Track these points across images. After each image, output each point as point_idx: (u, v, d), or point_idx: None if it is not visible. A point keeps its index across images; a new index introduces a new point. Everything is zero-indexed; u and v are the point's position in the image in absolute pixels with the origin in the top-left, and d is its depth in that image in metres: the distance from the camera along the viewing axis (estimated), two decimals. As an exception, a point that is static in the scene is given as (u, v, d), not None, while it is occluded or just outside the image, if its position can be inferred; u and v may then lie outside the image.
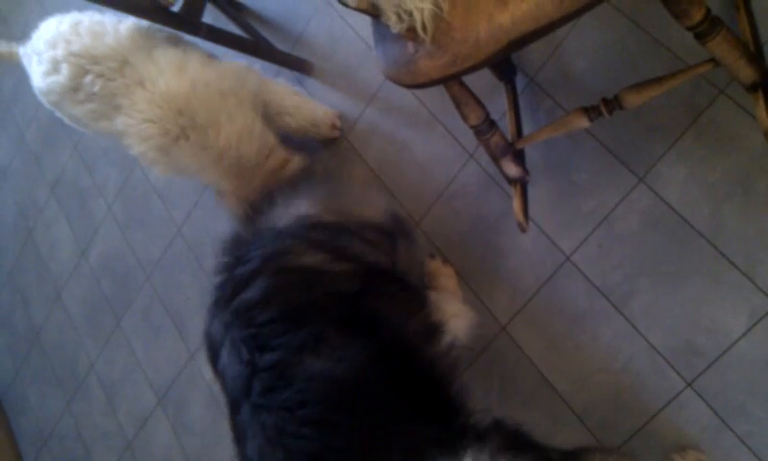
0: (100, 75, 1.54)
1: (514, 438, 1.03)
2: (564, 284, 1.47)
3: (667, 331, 1.33)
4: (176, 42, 1.64)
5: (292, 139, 1.83)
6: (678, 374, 1.32)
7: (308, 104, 1.83)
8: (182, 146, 1.55)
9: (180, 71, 1.54)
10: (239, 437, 1.06)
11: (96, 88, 1.55)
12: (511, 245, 1.54)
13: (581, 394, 1.44)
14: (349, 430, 0.96)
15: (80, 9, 1.70)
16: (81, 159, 2.77)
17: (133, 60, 1.54)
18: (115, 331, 2.57)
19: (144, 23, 1.64)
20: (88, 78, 1.56)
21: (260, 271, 1.08)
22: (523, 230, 1.45)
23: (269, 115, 1.75)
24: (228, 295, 1.12)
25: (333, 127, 1.85)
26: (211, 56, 1.70)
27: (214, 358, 1.13)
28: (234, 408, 1.07)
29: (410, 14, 0.95)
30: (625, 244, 1.38)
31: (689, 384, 1.30)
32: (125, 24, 1.61)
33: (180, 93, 1.52)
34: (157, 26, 1.65)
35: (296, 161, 1.72)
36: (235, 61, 1.72)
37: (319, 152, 1.92)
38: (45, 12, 1.82)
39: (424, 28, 0.95)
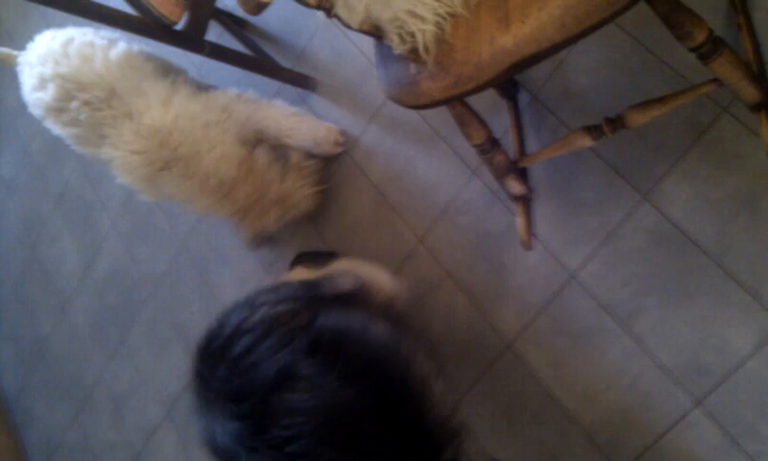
0: (86, 103, 1.56)
1: None
2: (569, 302, 1.46)
3: (675, 350, 1.33)
4: (165, 72, 1.66)
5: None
6: (686, 392, 1.31)
7: (307, 123, 1.81)
8: (165, 176, 1.58)
9: (166, 105, 1.57)
10: None
11: (82, 116, 1.57)
12: (516, 262, 1.54)
13: (588, 412, 1.43)
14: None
15: (79, 25, 1.72)
16: (85, 173, 2.78)
17: (121, 90, 1.56)
18: (121, 345, 2.58)
19: (135, 49, 1.65)
20: (74, 104, 1.57)
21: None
22: (527, 248, 1.45)
23: (269, 140, 1.76)
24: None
25: (336, 143, 1.85)
26: (201, 86, 1.71)
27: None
28: None
29: (412, 36, 0.96)
30: (631, 262, 1.38)
31: (698, 403, 1.30)
32: (115, 50, 1.61)
33: (164, 126, 1.55)
34: (147, 52, 1.66)
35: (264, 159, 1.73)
36: (227, 91, 1.72)
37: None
38: (48, 26, 1.83)
39: (426, 49, 0.96)
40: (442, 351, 1.65)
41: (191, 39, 1.69)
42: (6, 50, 1.81)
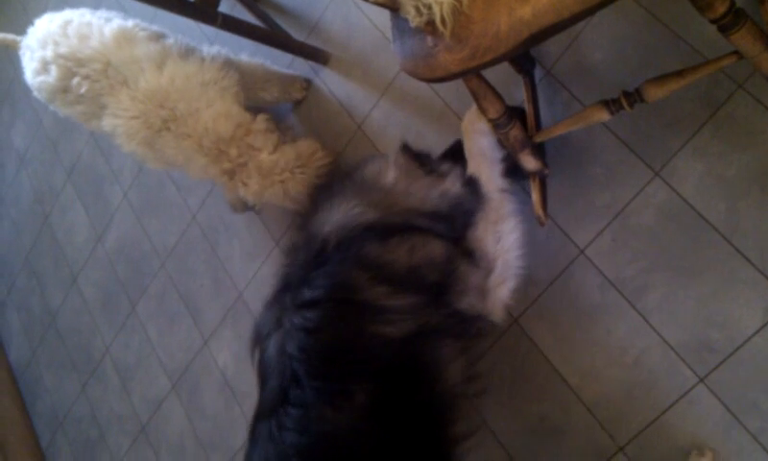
0: (86, 77, 1.60)
1: None
2: (577, 278, 1.46)
3: (681, 326, 1.33)
4: (156, 39, 1.67)
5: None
6: (690, 369, 1.31)
7: (278, 74, 1.90)
8: (165, 137, 1.61)
9: (159, 67, 1.60)
10: (252, 441, 1.12)
11: (83, 90, 1.61)
12: (524, 237, 1.54)
13: (592, 387, 1.44)
14: None
15: (75, 6, 1.74)
16: (97, 146, 2.79)
17: (116, 61, 1.59)
18: (130, 316, 2.60)
19: (129, 24, 1.66)
20: (75, 80, 1.61)
21: (319, 301, 1.10)
22: (542, 223, 1.45)
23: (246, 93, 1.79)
24: (282, 307, 1.15)
25: (302, 88, 1.95)
26: (190, 48, 1.72)
27: (261, 344, 1.18)
28: (259, 415, 1.13)
29: (429, 8, 0.95)
30: (640, 238, 1.38)
31: (702, 380, 1.30)
32: (110, 25, 1.64)
33: (160, 87, 1.58)
34: (142, 25, 1.68)
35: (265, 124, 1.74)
36: (214, 52, 1.74)
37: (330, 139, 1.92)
38: (45, 9, 1.85)
39: (444, 21, 0.95)
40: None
41: (204, 11, 1.70)
42: (9, 36, 1.84)
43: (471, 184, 1.31)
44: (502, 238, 1.28)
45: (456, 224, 1.27)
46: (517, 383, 1.54)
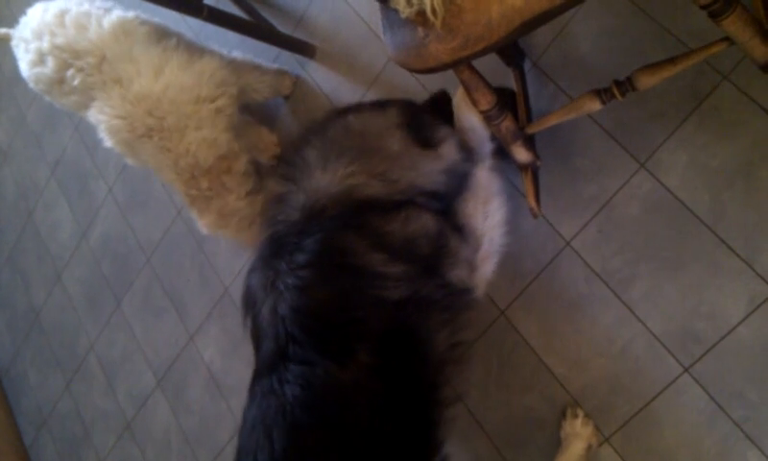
0: (80, 70, 1.57)
1: None
2: (563, 269, 1.47)
3: (666, 317, 1.34)
4: (159, 38, 1.64)
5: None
6: (676, 359, 1.32)
7: (270, 72, 1.89)
8: (145, 143, 1.58)
9: (157, 73, 1.56)
10: (251, 398, 1.13)
11: (76, 82, 1.58)
12: (511, 229, 1.54)
13: (578, 378, 1.44)
14: (324, 452, 1.03)
15: None
16: (82, 141, 2.76)
17: (112, 57, 1.56)
18: (115, 313, 2.58)
19: (130, 15, 1.64)
20: (70, 71, 1.59)
21: (314, 263, 1.10)
22: (535, 215, 1.45)
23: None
24: (276, 271, 1.15)
25: (291, 83, 1.96)
26: (197, 50, 1.69)
27: (253, 309, 1.19)
28: (257, 374, 1.14)
29: None
30: (625, 230, 1.39)
31: (687, 370, 1.31)
32: (109, 17, 1.61)
33: (152, 94, 1.54)
34: (143, 18, 1.65)
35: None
36: (216, 57, 1.70)
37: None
38: None
39: (434, 11, 0.95)
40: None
41: (190, 3, 1.68)
42: (2, 30, 1.80)
43: (466, 150, 1.33)
44: (489, 216, 1.31)
45: (448, 198, 1.29)
46: (504, 375, 1.55)
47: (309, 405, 1.03)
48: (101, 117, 1.59)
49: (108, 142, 1.63)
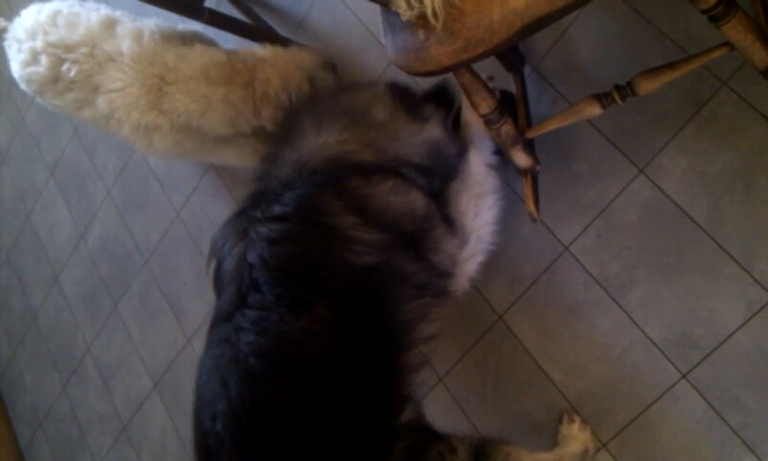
0: (74, 61, 1.59)
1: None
2: (561, 274, 1.47)
3: (664, 323, 1.33)
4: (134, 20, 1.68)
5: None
6: (673, 365, 1.32)
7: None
8: (169, 91, 1.57)
9: (139, 37, 1.59)
10: (207, 346, 1.14)
11: (72, 74, 1.59)
12: (509, 234, 1.54)
13: (576, 383, 1.44)
14: (279, 398, 1.03)
15: None
16: (80, 143, 2.76)
17: (100, 41, 1.59)
18: (112, 315, 2.57)
19: (117, 13, 1.67)
20: (65, 66, 1.60)
21: (288, 217, 1.13)
22: (534, 220, 1.44)
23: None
24: (250, 219, 1.17)
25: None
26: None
27: (217, 263, 1.21)
28: (215, 321, 1.15)
29: (420, 1, 0.95)
30: (624, 235, 1.38)
31: (684, 376, 1.31)
32: (97, 13, 1.64)
33: (144, 48, 1.57)
34: (129, 16, 1.67)
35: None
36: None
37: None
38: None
39: (435, 14, 0.95)
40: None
41: (191, 6, 1.69)
42: (3, 23, 1.80)
43: (451, 130, 1.35)
44: (481, 213, 1.32)
45: (435, 178, 1.29)
46: (501, 380, 1.54)
47: (262, 352, 1.03)
48: (112, 95, 1.58)
49: (130, 122, 1.60)
